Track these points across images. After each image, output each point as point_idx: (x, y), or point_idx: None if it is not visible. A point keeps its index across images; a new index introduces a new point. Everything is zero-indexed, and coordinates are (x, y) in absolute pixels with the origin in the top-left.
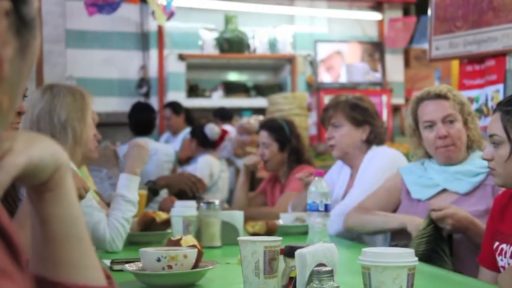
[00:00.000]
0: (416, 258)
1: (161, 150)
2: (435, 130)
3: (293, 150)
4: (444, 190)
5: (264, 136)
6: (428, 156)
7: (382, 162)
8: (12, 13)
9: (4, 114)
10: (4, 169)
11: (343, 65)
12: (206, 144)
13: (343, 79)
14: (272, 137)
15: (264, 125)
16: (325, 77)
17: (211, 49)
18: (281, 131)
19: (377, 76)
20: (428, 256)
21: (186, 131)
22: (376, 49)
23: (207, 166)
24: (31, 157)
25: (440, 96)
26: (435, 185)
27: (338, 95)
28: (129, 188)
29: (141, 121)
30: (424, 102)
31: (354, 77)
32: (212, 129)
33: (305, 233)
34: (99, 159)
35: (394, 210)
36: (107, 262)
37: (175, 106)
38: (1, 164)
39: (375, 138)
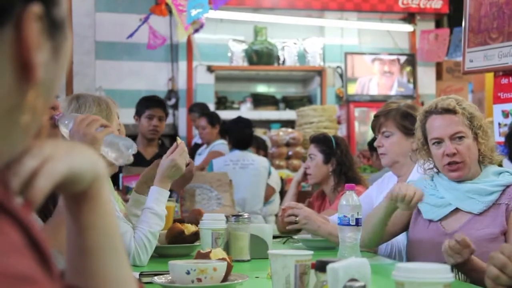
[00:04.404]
0: (453, 274)
1: (258, 162)
2: (443, 147)
3: (338, 164)
4: (457, 209)
5: (311, 148)
6: (437, 170)
7: None
8: (43, 16)
9: (38, 117)
10: (45, 176)
11: (374, 77)
12: None
13: (373, 91)
14: (317, 149)
15: (313, 139)
16: (355, 89)
17: (240, 61)
18: (327, 142)
19: (408, 88)
20: None
21: (218, 143)
22: (407, 61)
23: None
24: (72, 165)
25: (448, 111)
26: (446, 204)
27: (390, 102)
28: (158, 202)
29: (242, 136)
30: (432, 116)
31: (385, 89)
32: None
33: (327, 248)
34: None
35: (405, 224)
36: (136, 275)
37: (212, 117)
38: (42, 171)
39: None
